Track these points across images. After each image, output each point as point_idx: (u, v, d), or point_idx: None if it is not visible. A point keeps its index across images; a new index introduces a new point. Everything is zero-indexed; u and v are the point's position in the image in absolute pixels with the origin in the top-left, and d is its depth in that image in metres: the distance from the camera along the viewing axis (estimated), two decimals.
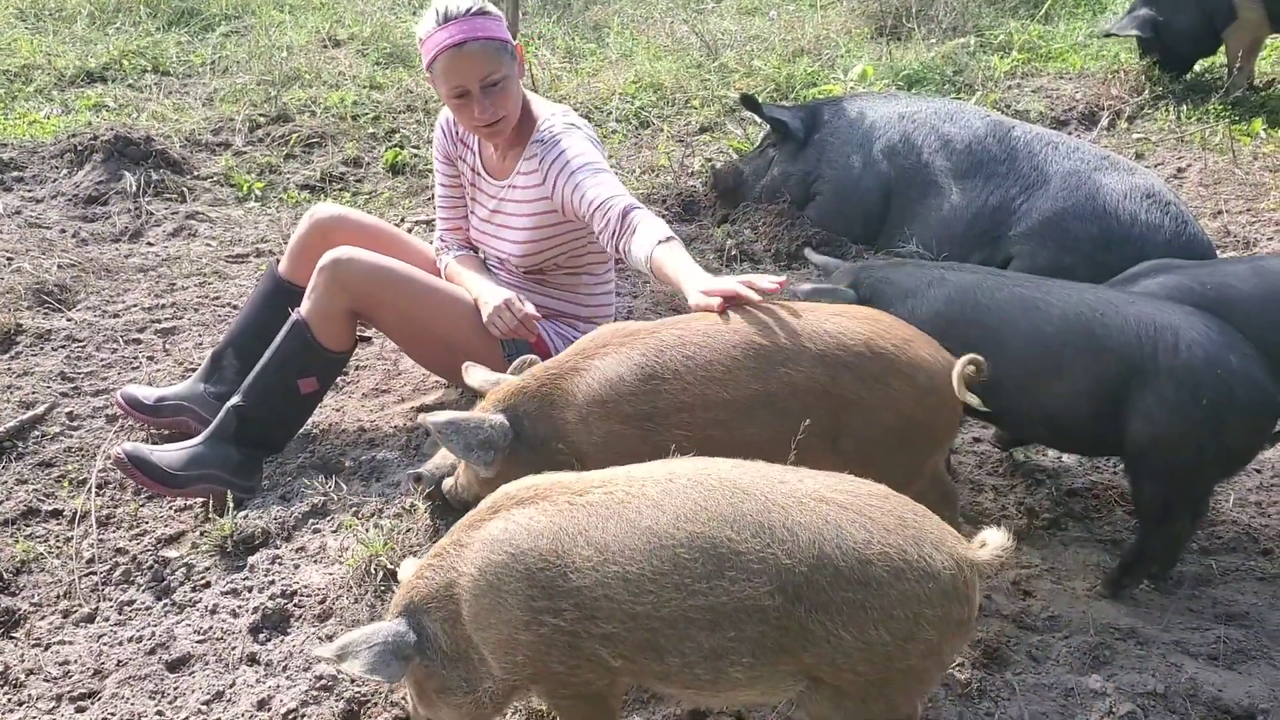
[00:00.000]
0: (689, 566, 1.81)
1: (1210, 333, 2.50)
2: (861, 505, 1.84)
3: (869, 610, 1.76)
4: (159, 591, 2.85)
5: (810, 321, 2.43)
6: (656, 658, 1.86)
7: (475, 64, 3.01)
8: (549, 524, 1.91)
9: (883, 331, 2.43)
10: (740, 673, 1.84)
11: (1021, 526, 2.95)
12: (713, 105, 6.04)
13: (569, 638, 1.89)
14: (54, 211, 5.00)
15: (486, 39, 3.01)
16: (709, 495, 1.86)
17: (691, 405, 2.39)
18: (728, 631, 1.80)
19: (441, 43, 3.01)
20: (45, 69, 6.63)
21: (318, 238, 3.38)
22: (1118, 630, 2.54)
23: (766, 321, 2.44)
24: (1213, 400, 2.45)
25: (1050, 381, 2.61)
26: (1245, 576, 2.78)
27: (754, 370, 2.38)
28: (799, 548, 1.78)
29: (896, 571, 1.77)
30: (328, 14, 7.79)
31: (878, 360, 2.38)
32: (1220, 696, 2.31)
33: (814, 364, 2.37)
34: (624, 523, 1.87)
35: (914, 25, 7.02)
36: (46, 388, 3.64)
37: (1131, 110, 5.88)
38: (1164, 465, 2.54)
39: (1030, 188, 4.08)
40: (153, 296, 4.29)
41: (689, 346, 2.42)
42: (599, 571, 1.85)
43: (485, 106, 3.06)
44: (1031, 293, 2.67)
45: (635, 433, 2.42)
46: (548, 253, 3.31)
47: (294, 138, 5.67)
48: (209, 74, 6.69)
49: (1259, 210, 4.73)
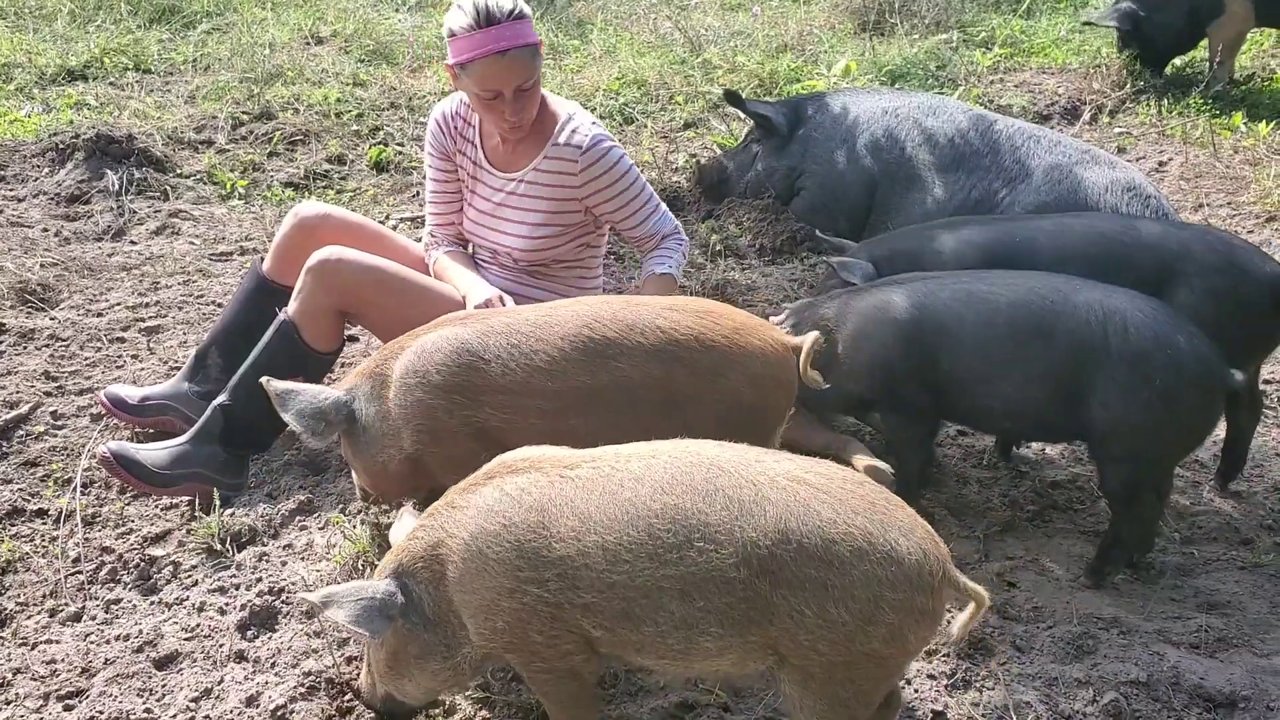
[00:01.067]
0: (661, 536, 1.87)
1: (1156, 314, 2.55)
2: (834, 488, 1.89)
3: (830, 588, 1.80)
4: (146, 590, 2.85)
5: (643, 316, 2.49)
6: (633, 626, 1.92)
7: (514, 71, 3.02)
8: (539, 495, 1.97)
9: (714, 324, 2.49)
10: (710, 643, 1.89)
11: (1006, 518, 2.97)
12: (697, 101, 6.04)
13: (552, 608, 1.95)
14: (36, 210, 4.97)
15: (524, 46, 3.02)
16: (687, 470, 1.92)
17: (510, 389, 2.47)
18: (697, 601, 1.86)
19: (482, 47, 2.99)
20: (26, 67, 6.59)
21: (302, 236, 3.36)
22: (1101, 620, 2.56)
23: (600, 315, 2.50)
24: (1164, 380, 2.50)
25: (1006, 372, 2.65)
26: (1227, 566, 2.81)
27: (583, 363, 2.45)
28: (766, 522, 1.83)
29: (859, 552, 1.81)
30: (310, 11, 7.76)
31: (710, 353, 2.45)
32: (1202, 684, 2.34)
33: (647, 359, 2.44)
34: (606, 495, 1.93)
35: (897, 20, 7.04)
36: (30, 387, 3.63)
37: (1113, 104, 5.92)
38: (1125, 448, 2.58)
39: (1012, 181, 4.11)
40: (136, 295, 4.27)
41: (516, 334, 2.50)
42: (580, 541, 1.91)
43: (516, 109, 3.08)
44: (977, 286, 2.72)
45: (442, 404, 2.50)
46: (554, 248, 3.33)
47: (277, 135, 5.65)
48: (191, 71, 6.66)
49: (1239, 203, 4.77)
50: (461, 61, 3.04)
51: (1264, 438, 3.35)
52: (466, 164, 3.38)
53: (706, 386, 2.45)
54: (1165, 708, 2.30)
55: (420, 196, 5.09)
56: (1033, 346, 2.61)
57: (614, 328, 2.47)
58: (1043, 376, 2.61)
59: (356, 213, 3.70)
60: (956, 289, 2.73)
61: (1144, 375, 2.50)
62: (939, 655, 2.47)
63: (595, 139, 3.21)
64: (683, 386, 2.45)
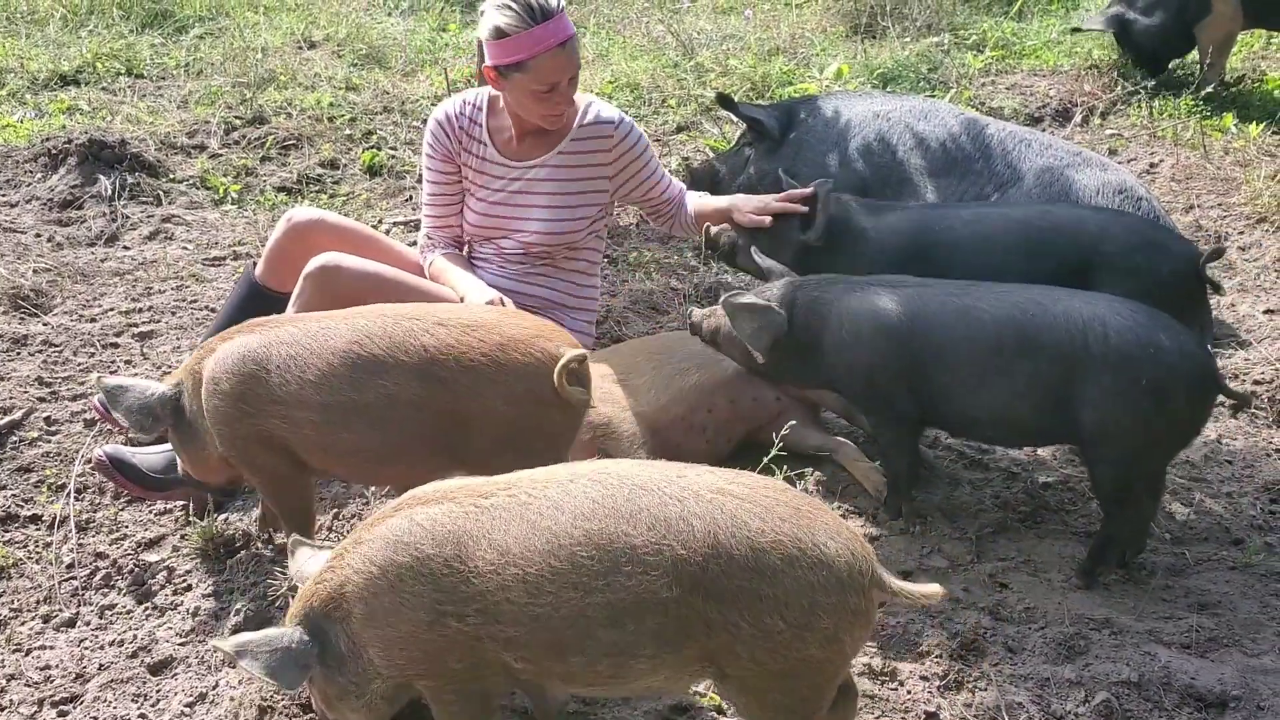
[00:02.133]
0: (586, 565, 1.83)
1: (1136, 316, 2.57)
2: (758, 496, 1.87)
3: (764, 598, 1.79)
4: (140, 595, 2.85)
5: (410, 331, 2.50)
6: (559, 658, 1.88)
7: (573, 60, 3.14)
8: (454, 527, 1.92)
9: (477, 342, 2.49)
10: (643, 664, 1.86)
11: (998, 520, 2.98)
12: (689, 105, 6.05)
13: (472, 640, 1.90)
14: (29, 216, 4.97)
15: (574, 34, 3.14)
16: (607, 493, 1.89)
17: (286, 400, 2.50)
18: (628, 626, 1.83)
19: (544, 41, 3.06)
20: (18, 72, 6.57)
21: (295, 241, 3.36)
22: (1092, 620, 2.58)
23: (371, 331, 2.51)
24: (1152, 379, 2.50)
25: (990, 385, 2.67)
26: (1217, 566, 2.82)
27: (349, 379, 2.46)
28: (695, 538, 1.81)
29: (790, 559, 1.80)
30: (303, 15, 7.75)
31: (468, 373, 2.45)
32: (1193, 684, 2.35)
33: (409, 377, 2.45)
34: (525, 524, 1.89)
35: (889, 24, 7.05)
36: (24, 393, 3.63)
37: (1104, 107, 5.93)
38: (1118, 449, 2.59)
39: (1004, 185, 4.12)
40: (129, 300, 4.27)
41: (296, 345, 2.53)
42: (500, 575, 1.86)
43: (569, 98, 3.20)
44: (962, 300, 2.73)
45: (231, 412, 2.55)
46: (573, 230, 3.40)
47: (270, 140, 5.65)
48: (184, 76, 6.65)
49: (1230, 205, 4.79)
50: (519, 60, 3.07)
51: (1254, 438, 3.37)
52: (473, 161, 3.40)
53: (469, 406, 2.46)
54: (1157, 708, 2.32)
55: (414, 200, 5.09)
56: (1016, 362, 2.62)
57: (381, 344, 2.48)
58: (1028, 389, 2.63)
59: (349, 217, 3.69)
60: (946, 301, 2.74)
61: (1130, 377, 2.51)
62: (931, 656, 2.49)
63: (622, 117, 3.40)
64: (447, 406, 2.47)
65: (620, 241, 4.72)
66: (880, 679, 2.43)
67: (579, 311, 3.50)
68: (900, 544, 2.87)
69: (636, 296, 4.20)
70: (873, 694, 2.38)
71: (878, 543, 2.88)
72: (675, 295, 4.20)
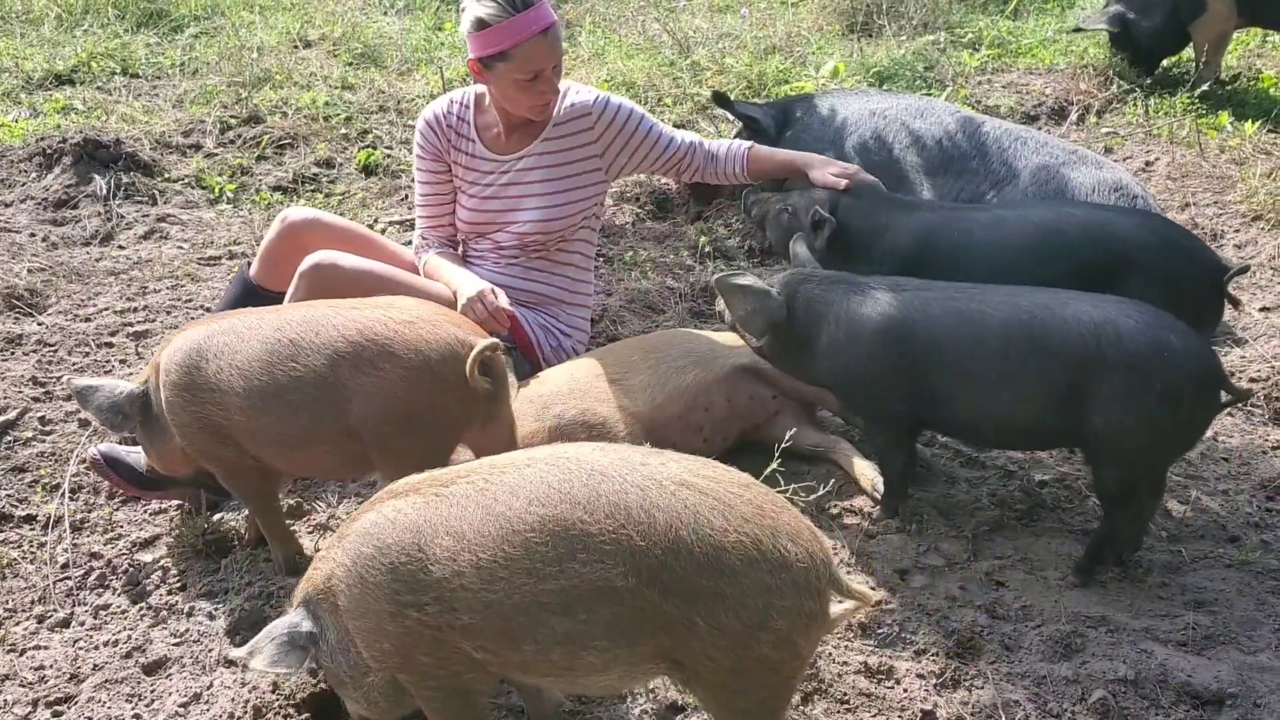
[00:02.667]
0: (539, 550, 1.81)
1: (1145, 318, 2.54)
2: (721, 492, 1.84)
3: (722, 598, 1.77)
4: (135, 595, 2.84)
5: (325, 314, 2.57)
6: (513, 646, 1.86)
7: (555, 47, 3.16)
8: (415, 516, 1.92)
9: (387, 317, 2.54)
10: (595, 656, 1.84)
11: (994, 518, 2.98)
12: (685, 103, 6.05)
13: (433, 631, 1.90)
14: (23, 215, 4.96)
15: (556, 22, 3.16)
16: (565, 478, 1.86)
17: (220, 388, 2.58)
18: (579, 614, 1.80)
19: (525, 29, 3.09)
20: (12, 72, 6.57)
21: (290, 241, 3.36)
22: (1089, 618, 2.57)
23: (295, 316, 2.59)
24: (1163, 383, 2.49)
25: (997, 390, 2.63)
26: (1214, 564, 2.82)
27: (266, 363, 2.53)
28: (654, 530, 1.78)
29: (750, 560, 1.78)
30: (298, 14, 7.74)
31: (370, 347, 2.50)
32: (1190, 681, 2.35)
33: (315, 356, 2.51)
34: (480, 510, 1.87)
35: (885, 22, 7.05)
36: (18, 393, 3.62)
37: (1100, 105, 5.93)
38: (1126, 452, 2.57)
39: (1000, 183, 4.12)
40: (124, 300, 4.26)
41: (231, 334, 2.60)
42: (456, 561, 1.86)
43: (554, 86, 3.22)
44: (967, 304, 2.69)
45: (178, 401, 2.63)
46: (568, 217, 3.40)
47: (265, 139, 5.64)
48: (179, 76, 6.64)
49: (1226, 202, 4.79)
50: (503, 49, 3.09)
51: (1251, 435, 3.37)
52: (462, 159, 3.40)
53: (365, 379, 2.49)
54: (1153, 705, 2.31)
55: (409, 200, 5.08)
56: (1024, 366, 2.59)
57: (296, 329, 2.55)
58: (1035, 393, 2.59)
59: (345, 216, 3.69)
60: (948, 304, 2.70)
61: (1142, 381, 2.49)
62: (928, 655, 2.48)
63: (598, 95, 3.40)
64: (346, 380, 2.50)
65: (616, 240, 4.71)
66: (877, 677, 2.42)
67: (574, 307, 3.51)
68: (896, 542, 2.87)
69: (632, 295, 4.20)
70: (870, 692, 2.38)
71: (874, 541, 2.87)
72: (671, 294, 4.20)
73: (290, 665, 1.99)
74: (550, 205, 3.36)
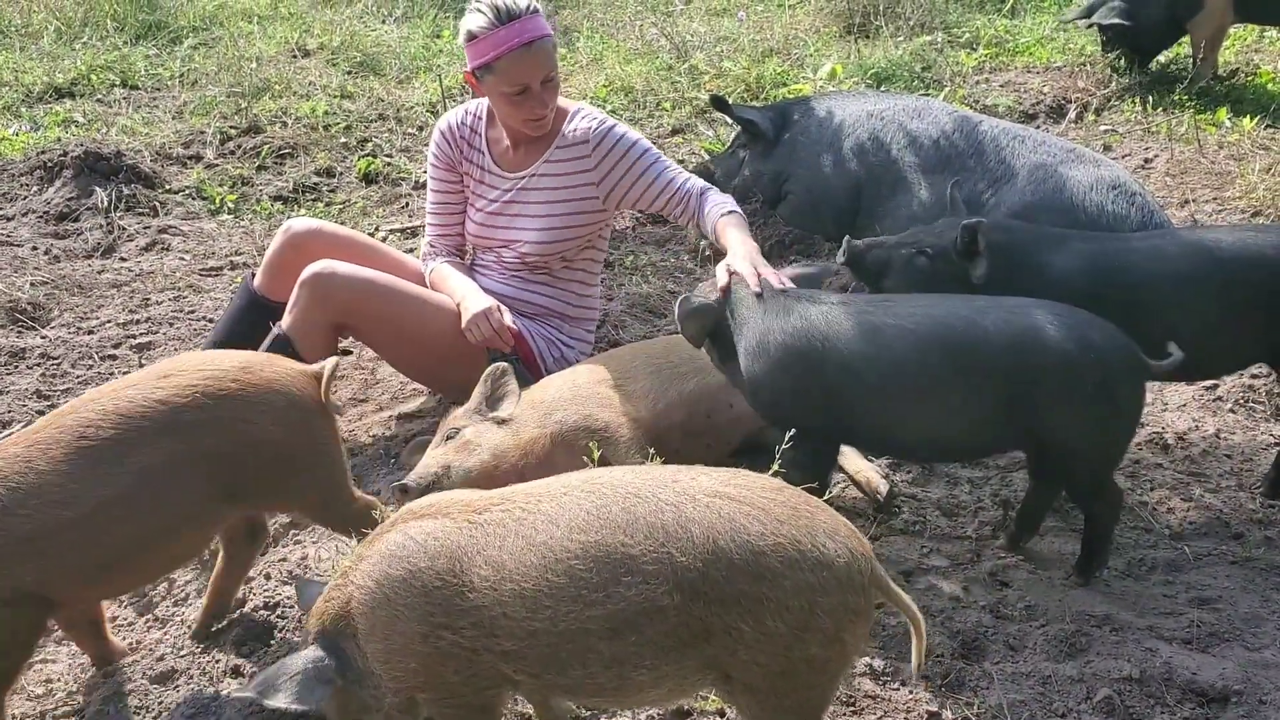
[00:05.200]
0: (584, 577, 1.81)
1: (1064, 320, 2.53)
2: (755, 498, 1.86)
3: (765, 601, 1.78)
4: (141, 607, 2.85)
5: (135, 398, 2.31)
6: (559, 671, 1.87)
7: (542, 61, 3.12)
8: (448, 542, 1.91)
9: (218, 372, 2.37)
10: (645, 675, 1.85)
11: (997, 518, 2.98)
12: (683, 107, 6.06)
13: (468, 653, 1.90)
14: (25, 229, 4.97)
15: (545, 36, 3.13)
16: (601, 503, 1.87)
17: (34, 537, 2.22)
18: (628, 637, 1.81)
19: (508, 41, 3.07)
20: (12, 85, 6.59)
21: (293, 251, 3.37)
22: (1093, 617, 2.57)
23: (91, 420, 2.27)
24: (1096, 380, 2.50)
25: (923, 407, 2.59)
26: (1217, 561, 2.82)
27: (93, 475, 2.24)
28: (693, 544, 1.79)
29: (791, 561, 1.79)
30: (296, 24, 7.76)
31: (225, 402, 2.34)
32: (1195, 679, 2.35)
33: (161, 437, 2.29)
34: (520, 540, 1.87)
35: (882, 23, 7.06)
36: (22, 406, 3.63)
37: (1098, 103, 5.94)
38: (1080, 452, 2.58)
39: (998, 182, 4.12)
40: (127, 312, 4.28)
41: None
42: (497, 591, 1.85)
43: (544, 102, 3.19)
44: (882, 319, 2.60)
45: None
46: (566, 241, 3.37)
47: (265, 149, 5.65)
48: (178, 87, 6.66)
49: (1225, 199, 4.79)
50: (487, 61, 3.08)
51: (1253, 431, 3.37)
52: (474, 170, 3.41)
53: (237, 439, 2.34)
54: (1158, 703, 2.31)
55: (410, 208, 5.10)
56: (947, 380, 2.54)
57: (109, 427, 2.26)
58: (964, 407, 2.56)
59: (346, 225, 3.70)
60: (861, 321, 2.59)
61: (1076, 381, 2.49)
62: (933, 656, 2.48)
63: (603, 123, 3.32)
64: (218, 448, 2.32)
65: (617, 245, 4.72)
66: (882, 679, 2.43)
67: (578, 321, 3.50)
68: (900, 543, 2.87)
69: (634, 300, 4.20)
70: (875, 694, 2.38)
71: (877, 543, 2.88)
72: (673, 299, 4.20)
73: (316, 701, 1.96)
74: (547, 229, 3.34)
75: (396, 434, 3.43)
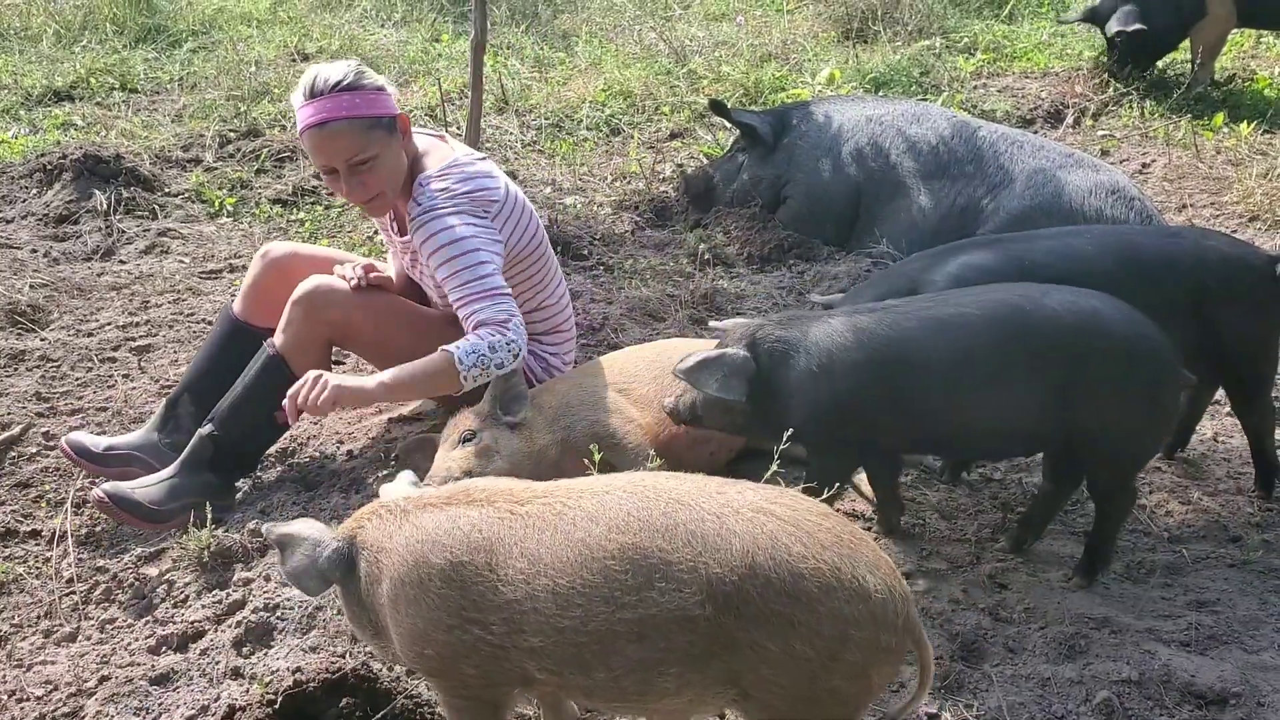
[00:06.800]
0: (619, 578, 1.80)
1: (1122, 307, 2.54)
2: (800, 520, 1.82)
3: (796, 624, 1.75)
4: (141, 609, 2.85)
5: None
6: (582, 672, 1.85)
7: (339, 144, 2.88)
8: (489, 533, 1.91)
9: None
10: (669, 682, 1.82)
11: (997, 520, 2.99)
12: (682, 111, 6.07)
13: (494, 649, 1.89)
14: (24, 232, 4.97)
15: (352, 117, 2.87)
16: (643, 505, 1.85)
17: None
18: (657, 643, 1.79)
19: (305, 120, 2.89)
20: (12, 88, 6.59)
21: (274, 275, 3.30)
22: (1092, 620, 2.58)
23: None
24: (1150, 370, 2.51)
25: (992, 393, 2.56)
26: (1216, 564, 2.83)
27: None
28: (732, 556, 1.77)
29: (828, 588, 1.76)
30: (295, 28, 7.76)
31: None
32: (1193, 681, 2.35)
33: None
34: (558, 535, 1.86)
35: (880, 28, 7.08)
36: (22, 408, 3.63)
37: (1096, 107, 5.96)
38: (1120, 441, 2.59)
39: (996, 187, 4.14)
40: (126, 314, 4.28)
41: None
42: (530, 584, 1.84)
43: (354, 186, 2.93)
44: (942, 310, 2.59)
45: None
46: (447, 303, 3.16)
47: (264, 152, 5.66)
48: (177, 90, 6.67)
49: (1222, 204, 4.81)
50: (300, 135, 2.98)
51: None
52: (386, 231, 3.33)
53: None
54: (1157, 705, 2.32)
55: None
56: (1012, 361, 2.52)
57: None
58: (1026, 391, 2.54)
59: (345, 227, 3.69)
60: (923, 318, 2.58)
61: (1130, 370, 2.50)
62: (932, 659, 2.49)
63: (429, 203, 2.97)
64: None
65: (616, 249, 4.72)
66: None
67: (552, 334, 3.38)
68: (899, 546, 2.88)
69: (633, 304, 4.20)
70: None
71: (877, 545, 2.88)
72: (672, 302, 4.21)
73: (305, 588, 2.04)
74: (435, 288, 3.19)
75: (395, 435, 3.44)
